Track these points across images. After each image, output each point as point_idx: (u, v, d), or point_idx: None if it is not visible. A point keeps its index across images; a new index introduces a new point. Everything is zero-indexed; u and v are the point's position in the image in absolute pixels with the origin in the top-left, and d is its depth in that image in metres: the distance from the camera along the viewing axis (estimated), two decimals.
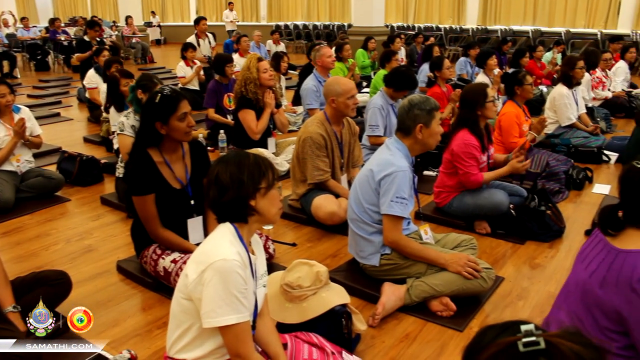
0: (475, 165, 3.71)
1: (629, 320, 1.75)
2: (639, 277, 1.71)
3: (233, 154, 1.98)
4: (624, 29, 13.42)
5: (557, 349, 0.81)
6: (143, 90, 4.14)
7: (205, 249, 1.89)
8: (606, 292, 1.80)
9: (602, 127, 6.47)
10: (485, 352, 0.86)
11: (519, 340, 0.82)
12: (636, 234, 1.84)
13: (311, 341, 2.16)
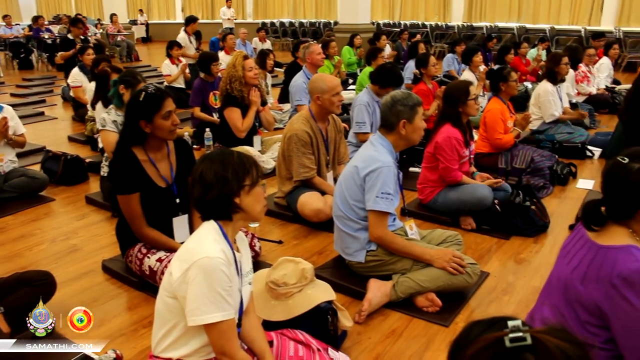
0: (456, 160, 3.74)
1: (609, 316, 1.77)
2: (618, 273, 1.73)
3: (217, 152, 1.98)
4: (607, 26, 13.54)
5: (543, 345, 0.82)
6: (126, 86, 4.12)
7: (189, 247, 1.88)
8: (587, 288, 1.81)
9: (585, 122, 6.54)
10: (472, 347, 0.86)
11: (506, 335, 0.83)
12: (618, 230, 1.86)
13: (297, 338, 2.16)
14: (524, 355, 0.81)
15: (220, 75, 6.09)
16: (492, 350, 0.83)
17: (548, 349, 0.81)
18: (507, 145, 4.68)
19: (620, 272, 1.73)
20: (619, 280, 1.72)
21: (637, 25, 13.39)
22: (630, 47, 12.72)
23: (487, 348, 0.84)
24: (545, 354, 0.81)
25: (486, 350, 0.84)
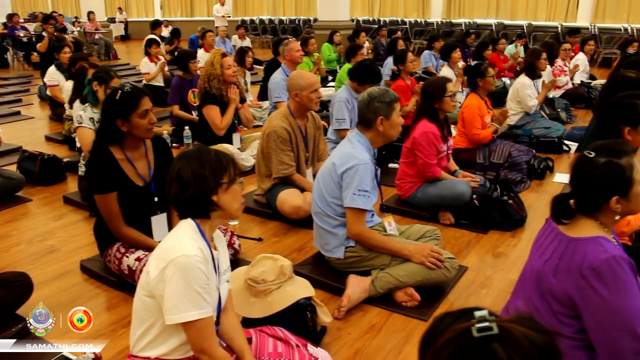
0: (434, 155, 3.78)
1: (579, 306, 1.80)
2: (588, 264, 1.77)
3: (194, 150, 1.98)
4: (583, 22, 13.74)
5: (510, 334, 0.83)
6: (99, 82, 4.07)
7: (167, 245, 1.88)
8: (559, 280, 1.85)
9: (562, 117, 6.63)
10: (441, 338, 0.88)
11: (473, 326, 0.84)
12: (587, 222, 1.90)
13: (276, 335, 2.17)
14: (491, 345, 0.82)
15: (199, 73, 6.06)
16: (460, 340, 0.84)
17: (515, 337, 0.83)
18: (485, 141, 4.73)
19: (590, 263, 1.77)
20: (589, 271, 1.76)
21: (611, 22, 13.61)
22: (605, 43, 12.92)
23: (456, 338, 0.85)
24: (512, 343, 0.82)
25: (455, 341, 0.85)
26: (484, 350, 0.82)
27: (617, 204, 1.83)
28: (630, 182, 1.83)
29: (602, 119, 2.99)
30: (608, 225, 1.91)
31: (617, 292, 1.74)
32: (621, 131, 2.81)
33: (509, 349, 0.82)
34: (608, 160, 1.83)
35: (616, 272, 1.74)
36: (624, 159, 1.83)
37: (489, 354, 0.82)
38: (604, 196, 1.84)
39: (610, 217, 1.88)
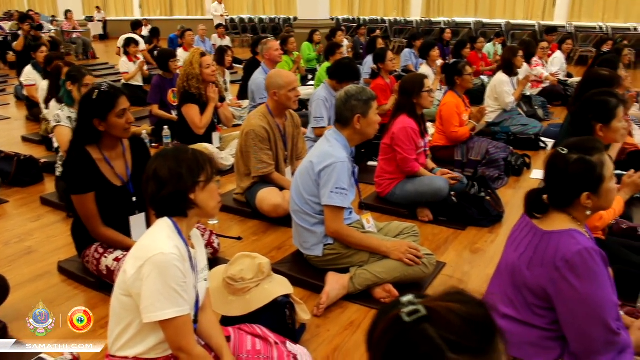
0: (413, 150, 3.81)
1: (553, 297, 1.84)
2: (561, 256, 1.81)
3: (171, 149, 1.99)
4: (560, 21, 13.94)
5: (437, 312, 0.85)
6: (72, 82, 4.04)
7: (143, 244, 1.88)
8: (533, 272, 1.89)
9: (539, 114, 6.72)
10: (377, 329, 0.90)
11: (401, 312, 0.86)
12: (559, 216, 1.94)
13: (255, 333, 2.18)
14: (422, 326, 0.84)
15: (178, 72, 6.03)
16: (394, 328, 0.87)
17: (441, 314, 0.85)
18: (463, 138, 4.77)
19: (562, 255, 1.81)
20: (562, 263, 1.80)
21: (588, 21, 13.83)
22: (581, 42, 13.10)
23: (390, 327, 0.88)
24: (440, 320, 0.84)
25: (390, 330, 0.87)
26: (416, 332, 0.84)
27: (587, 200, 1.88)
28: (600, 179, 1.87)
29: (575, 116, 3.05)
30: (580, 220, 1.95)
31: (589, 283, 1.78)
32: (593, 128, 2.87)
33: (439, 327, 0.84)
34: (580, 157, 1.87)
35: (588, 263, 1.79)
36: (595, 156, 1.88)
37: (421, 335, 0.84)
38: (575, 192, 1.89)
39: (581, 212, 1.93)
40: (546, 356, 1.94)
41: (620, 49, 6.93)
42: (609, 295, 1.84)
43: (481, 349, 0.85)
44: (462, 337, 0.83)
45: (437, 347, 0.83)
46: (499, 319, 2.00)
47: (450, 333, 0.83)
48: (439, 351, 0.82)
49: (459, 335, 0.83)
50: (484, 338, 0.86)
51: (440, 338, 0.83)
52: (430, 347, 0.83)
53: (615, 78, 3.67)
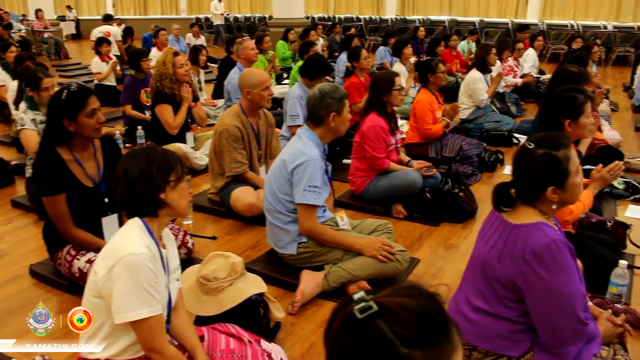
0: (383, 149, 3.83)
1: (522, 289, 1.87)
2: (530, 249, 1.84)
3: (141, 149, 1.98)
4: (532, 19, 14.15)
5: (387, 308, 0.87)
6: (31, 88, 3.99)
7: (114, 244, 1.86)
8: (503, 265, 1.91)
9: (512, 111, 6.81)
10: (332, 327, 0.91)
11: (353, 309, 0.87)
12: (527, 209, 1.97)
13: (228, 332, 2.17)
14: (375, 322, 0.85)
15: (151, 71, 5.99)
16: (348, 325, 0.88)
17: (392, 309, 0.86)
18: (437, 135, 4.81)
19: (531, 248, 1.84)
20: (531, 255, 1.83)
21: (559, 19, 14.07)
22: (553, 39, 13.29)
23: (343, 325, 0.89)
24: (392, 315, 0.86)
25: (344, 327, 0.89)
26: (369, 328, 0.85)
27: (553, 194, 1.91)
28: (566, 174, 1.91)
29: (544, 112, 3.10)
30: (547, 213, 1.98)
31: (557, 274, 1.81)
32: (562, 124, 2.91)
33: (391, 322, 0.85)
34: (545, 152, 1.91)
35: (556, 255, 1.82)
36: (561, 152, 1.91)
37: (374, 331, 0.85)
38: (540, 186, 1.92)
39: (548, 206, 1.96)
40: (517, 348, 1.97)
41: (590, 47, 7.04)
42: (577, 287, 1.88)
43: (433, 342, 0.86)
44: (413, 332, 0.85)
45: (390, 342, 0.84)
46: (471, 312, 2.04)
47: (402, 328, 0.85)
48: (392, 346, 0.84)
49: (410, 330, 0.85)
50: (435, 331, 0.87)
51: (393, 333, 0.84)
52: (383, 343, 0.84)
53: (583, 75, 3.73)
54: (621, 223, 3.38)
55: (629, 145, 5.74)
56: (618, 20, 13.40)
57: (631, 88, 8.34)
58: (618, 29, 12.86)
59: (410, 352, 0.83)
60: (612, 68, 12.26)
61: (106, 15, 11.35)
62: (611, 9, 13.59)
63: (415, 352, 0.84)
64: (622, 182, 4.31)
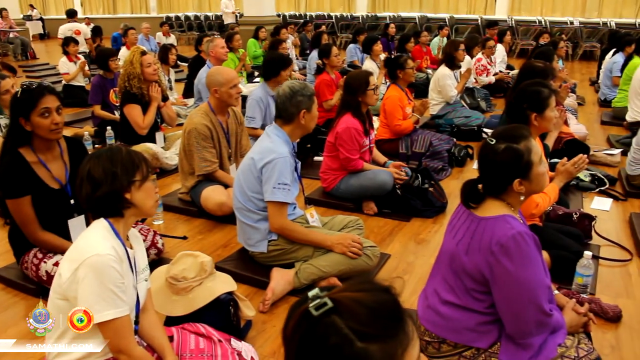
0: (356, 150, 3.84)
1: (490, 281, 1.90)
2: (497, 241, 1.87)
3: (105, 149, 1.95)
4: (501, 15, 14.34)
5: (342, 303, 0.88)
6: None
7: (78, 245, 1.84)
8: (471, 258, 1.94)
9: (482, 106, 6.89)
10: (289, 325, 0.92)
11: (309, 306, 0.88)
12: (495, 203, 2.00)
13: (198, 331, 2.16)
14: (330, 318, 0.86)
15: (120, 71, 5.91)
16: (304, 323, 0.89)
17: (346, 305, 0.87)
18: (407, 131, 4.84)
19: (498, 240, 1.87)
20: (497, 247, 1.86)
21: (527, 14, 14.31)
22: (522, 35, 13.50)
23: (299, 323, 0.89)
24: (347, 310, 0.87)
25: (300, 325, 0.89)
26: (325, 325, 0.86)
27: (520, 186, 1.95)
28: (529, 165, 1.95)
29: (510, 106, 3.14)
30: (515, 206, 2.02)
31: (522, 266, 1.85)
32: (529, 117, 2.96)
33: (346, 318, 0.86)
34: (507, 146, 1.94)
35: (521, 247, 1.85)
36: (522, 144, 1.95)
37: (330, 327, 0.86)
38: (506, 179, 1.95)
39: (515, 197, 2.00)
40: (484, 340, 2.00)
41: (557, 42, 7.16)
42: (542, 278, 1.91)
43: (389, 335, 0.87)
44: (369, 326, 0.86)
45: (346, 337, 0.85)
46: (440, 305, 2.07)
47: (357, 323, 0.85)
48: (348, 341, 0.84)
49: (365, 324, 0.86)
50: (390, 324, 0.88)
51: (348, 328, 0.85)
52: (339, 338, 0.85)
53: (548, 69, 3.81)
54: (587, 215, 3.45)
55: (595, 138, 5.85)
56: (584, 16, 13.68)
57: (597, 82, 8.50)
58: (584, 25, 13.13)
59: (366, 346, 0.84)
60: (579, 63, 12.49)
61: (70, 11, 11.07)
62: (577, 6, 13.86)
63: (371, 346, 0.85)
64: (588, 174, 4.39)
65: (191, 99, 6.71)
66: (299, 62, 10.00)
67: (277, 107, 2.97)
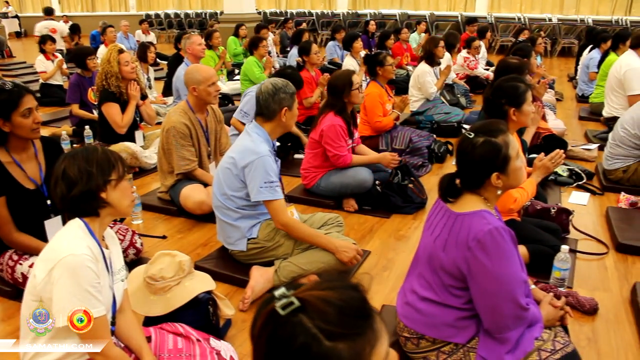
0: (344, 146, 3.83)
1: (467, 276, 1.91)
2: (474, 236, 1.88)
3: (80, 149, 1.94)
4: (481, 12, 14.45)
5: (308, 302, 0.87)
6: None
7: (53, 246, 1.82)
8: (448, 254, 1.95)
9: (462, 102, 6.93)
10: (256, 325, 0.91)
11: (276, 305, 0.88)
12: (472, 198, 2.02)
13: (176, 331, 2.15)
14: (297, 317, 0.86)
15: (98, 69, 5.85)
16: (271, 322, 0.88)
17: (312, 303, 0.87)
18: (387, 128, 4.85)
19: (474, 235, 1.88)
20: (474, 243, 1.87)
21: (507, 11, 14.44)
22: (501, 32, 13.61)
23: (267, 322, 0.89)
24: (314, 309, 0.86)
25: (267, 325, 0.89)
26: (292, 324, 0.86)
27: (497, 180, 1.96)
28: (507, 159, 1.96)
29: (488, 102, 3.16)
30: (491, 201, 2.03)
31: (499, 260, 1.86)
32: (507, 113, 2.99)
33: (313, 317, 0.85)
34: (485, 140, 1.95)
35: (498, 242, 1.86)
36: (500, 138, 1.97)
37: (297, 326, 0.85)
38: (484, 173, 1.96)
39: (492, 192, 2.01)
40: (463, 335, 2.01)
41: (535, 38, 7.22)
42: (518, 273, 1.93)
43: (357, 333, 0.87)
44: (336, 325, 0.85)
45: (314, 337, 0.84)
46: (419, 302, 2.08)
47: (324, 322, 0.85)
48: (316, 340, 0.84)
49: (333, 323, 0.85)
50: (358, 322, 0.88)
51: (316, 327, 0.85)
52: (306, 338, 0.84)
53: (523, 65, 3.84)
54: (564, 209, 3.49)
55: (573, 133, 5.91)
56: (562, 13, 13.84)
57: (575, 78, 8.60)
58: (562, 22, 13.26)
59: (334, 345, 0.84)
60: (558, 59, 12.62)
61: (47, 9, 10.90)
62: (555, 3, 14.05)
63: (339, 345, 0.85)
64: (566, 169, 4.44)
65: (171, 98, 6.66)
66: (280, 60, 9.97)
67: (258, 104, 2.95)
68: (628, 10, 13.33)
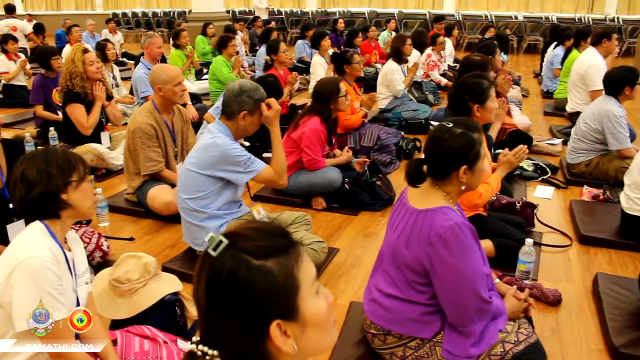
0: (320, 152, 3.85)
1: (430, 272, 1.94)
2: (435, 232, 1.91)
3: (40, 150, 1.91)
4: (449, 9, 14.60)
5: (235, 234, 0.94)
6: None
7: (12, 249, 1.78)
8: (411, 250, 1.97)
9: (430, 99, 7.00)
10: (196, 277, 0.97)
11: (208, 249, 0.93)
12: (434, 193, 2.04)
13: (143, 334, 2.13)
14: (229, 251, 0.92)
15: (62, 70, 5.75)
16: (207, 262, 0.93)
17: (239, 234, 0.95)
18: (355, 125, 4.87)
19: (436, 231, 1.91)
20: (436, 239, 1.90)
21: (474, 9, 14.63)
22: (468, 29, 13.77)
23: (203, 264, 0.95)
24: (240, 238, 0.94)
25: (204, 265, 0.94)
26: (224, 257, 0.91)
27: (464, 174, 1.98)
28: (478, 156, 2.00)
29: (452, 99, 3.20)
30: (453, 197, 2.06)
31: (460, 255, 1.89)
32: (471, 109, 3.03)
33: (240, 244, 0.92)
34: (464, 132, 1.99)
35: (459, 237, 1.89)
36: (476, 134, 2.01)
37: (228, 257, 0.91)
38: (454, 164, 1.99)
39: (456, 187, 2.04)
40: (428, 330, 2.04)
41: (503, 36, 7.33)
42: (479, 267, 1.96)
43: (281, 249, 0.94)
44: (261, 245, 0.93)
45: (242, 260, 0.90)
46: (384, 299, 2.09)
47: (250, 245, 0.92)
48: (244, 262, 0.90)
49: (258, 243, 0.93)
50: (282, 241, 0.95)
51: (243, 252, 0.91)
52: (234, 263, 0.90)
53: (486, 62, 3.89)
54: (529, 203, 3.55)
55: (538, 129, 6.02)
56: (527, 11, 14.07)
57: (540, 75, 8.75)
58: (528, 19, 13.48)
59: (262, 263, 0.91)
60: (524, 56, 12.83)
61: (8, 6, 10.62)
62: (521, 1, 14.32)
63: (267, 262, 0.92)
64: (531, 164, 4.52)
65: None
66: (249, 59, 9.94)
67: (222, 101, 2.94)
68: (590, 8, 13.63)
